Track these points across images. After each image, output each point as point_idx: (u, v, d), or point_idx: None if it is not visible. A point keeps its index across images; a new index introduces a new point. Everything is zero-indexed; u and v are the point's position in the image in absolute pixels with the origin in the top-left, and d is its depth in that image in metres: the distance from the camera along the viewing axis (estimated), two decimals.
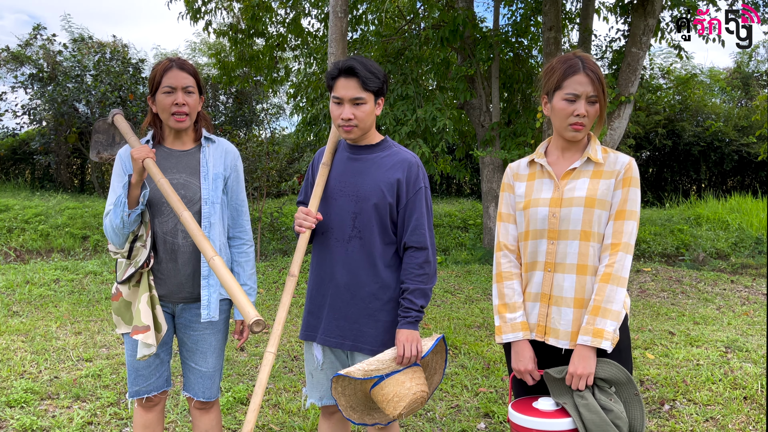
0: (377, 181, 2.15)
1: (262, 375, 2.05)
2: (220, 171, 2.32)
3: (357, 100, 2.08)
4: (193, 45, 17.93)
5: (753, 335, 5.19)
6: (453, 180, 18.10)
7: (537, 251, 2.01)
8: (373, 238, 2.15)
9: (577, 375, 1.84)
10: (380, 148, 2.22)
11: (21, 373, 4.06)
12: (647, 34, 7.71)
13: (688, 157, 16.46)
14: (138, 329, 2.17)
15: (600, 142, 2.04)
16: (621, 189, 1.92)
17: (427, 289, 2.13)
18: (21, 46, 13.88)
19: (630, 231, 1.89)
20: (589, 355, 1.84)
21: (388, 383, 2.06)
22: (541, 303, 2.00)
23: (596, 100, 1.93)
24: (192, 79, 2.23)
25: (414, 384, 2.08)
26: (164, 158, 2.29)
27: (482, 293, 6.71)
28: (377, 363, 2.07)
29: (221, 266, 2.07)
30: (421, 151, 7.71)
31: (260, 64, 10.70)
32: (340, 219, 2.18)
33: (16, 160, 15.33)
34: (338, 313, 2.19)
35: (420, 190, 2.16)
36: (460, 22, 8.11)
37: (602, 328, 1.83)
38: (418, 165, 2.18)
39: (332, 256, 2.20)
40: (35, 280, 6.72)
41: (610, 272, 1.87)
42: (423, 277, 2.12)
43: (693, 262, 9.72)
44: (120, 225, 2.16)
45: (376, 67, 2.11)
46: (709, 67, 19.99)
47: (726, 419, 3.46)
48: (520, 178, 2.10)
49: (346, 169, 2.21)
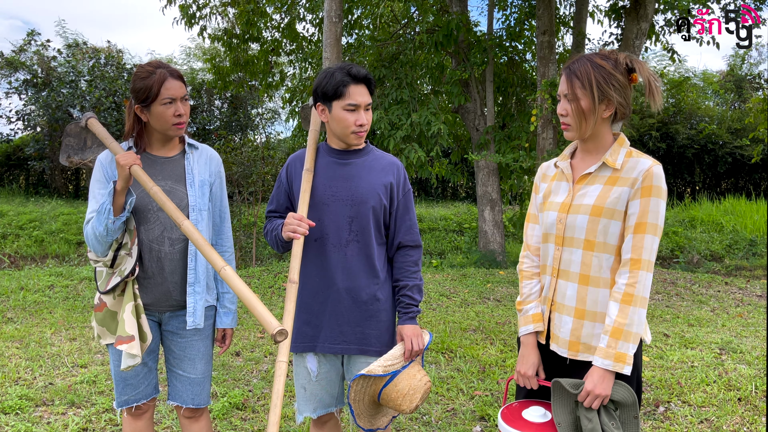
0: (373, 184, 2.19)
1: (277, 385, 2.01)
2: (206, 178, 2.31)
3: (369, 106, 2.17)
4: (188, 50, 17.96)
5: (747, 337, 5.21)
6: (448, 183, 18.14)
7: (547, 255, 1.99)
8: (370, 241, 2.18)
9: (594, 394, 1.77)
10: (365, 152, 2.26)
11: (15, 380, 4.04)
12: (640, 37, 7.76)
13: (682, 159, 16.54)
14: (122, 339, 2.12)
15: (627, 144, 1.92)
16: (639, 199, 1.79)
17: (421, 285, 2.26)
18: (15, 51, 13.87)
19: (650, 246, 1.78)
20: (609, 378, 1.77)
21: (401, 378, 2.11)
22: (546, 307, 1.99)
23: (573, 98, 1.85)
24: (185, 89, 2.23)
25: (422, 375, 2.16)
26: (149, 165, 2.25)
27: (477, 296, 6.72)
28: (392, 359, 2.12)
29: (233, 276, 2.03)
30: (417, 155, 7.73)
31: (255, 68, 10.72)
32: (335, 224, 2.18)
33: (11, 165, 15.29)
34: (341, 318, 2.19)
35: (408, 192, 2.29)
36: (454, 27, 8.14)
37: (625, 353, 1.76)
38: (403, 168, 2.31)
39: (330, 262, 2.19)
40: (30, 287, 6.70)
41: (632, 293, 1.77)
42: (418, 273, 2.25)
43: (687, 264, 9.76)
44: (104, 233, 2.10)
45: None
46: (702, 70, 20.10)
47: (720, 420, 3.47)
48: (546, 179, 2.08)
49: (335, 174, 2.21)
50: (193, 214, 2.25)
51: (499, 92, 10.39)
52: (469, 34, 8.94)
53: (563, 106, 1.89)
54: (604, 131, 1.90)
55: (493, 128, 9.14)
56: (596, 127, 1.88)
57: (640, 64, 1.85)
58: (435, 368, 4.36)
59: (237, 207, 9.15)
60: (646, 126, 15.74)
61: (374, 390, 2.14)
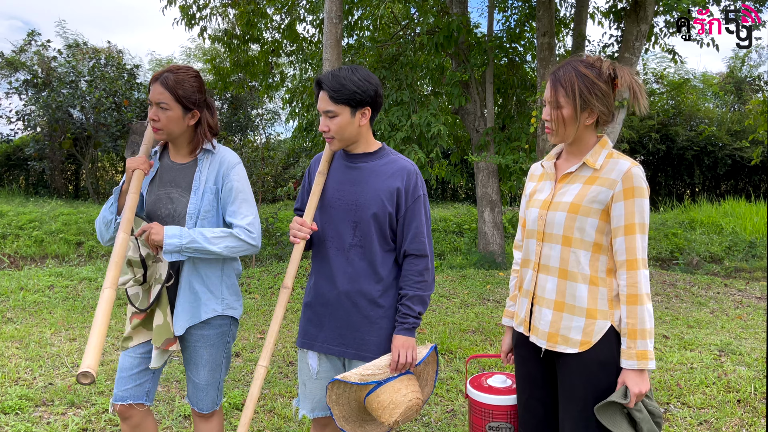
0: (377, 190, 2.15)
1: (253, 389, 2.03)
2: (212, 185, 2.26)
3: (328, 113, 2.09)
4: (188, 51, 17.97)
5: (746, 338, 5.22)
6: (448, 185, 18.13)
7: (529, 250, 2.08)
8: (373, 247, 2.15)
9: (641, 394, 1.86)
10: (378, 156, 2.21)
11: (15, 380, 4.04)
12: (640, 39, 7.76)
13: (681, 161, 16.55)
14: (170, 341, 2.22)
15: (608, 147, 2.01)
16: (624, 201, 1.87)
17: (425, 296, 2.16)
18: (15, 52, 13.87)
19: (642, 245, 1.87)
20: (644, 374, 1.86)
21: (384, 390, 2.06)
22: (527, 300, 2.07)
23: (556, 105, 1.92)
24: (168, 95, 2.15)
25: (409, 391, 2.08)
26: (165, 171, 2.28)
27: (477, 297, 6.73)
28: (373, 368, 2.07)
29: (106, 301, 1.91)
30: (417, 157, 7.73)
31: (255, 69, 10.72)
32: (339, 228, 2.18)
33: (11, 166, 15.29)
34: (340, 321, 2.19)
35: (419, 198, 2.17)
36: (454, 28, 8.15)
37: (645, 350, 1.84)
38: (417, 173, 2.19)
39: (332, 265, 2.19)
40: (29, 287, 6.70)
41: (636, 293, 1.86)
42: (422, 284, 2.15)
43: (687, 266, 9.76)
44: (103, 225, 2.24)
45: (352, 79, 2.08)
46: (702, 71, 20.10)
47: (720, 422, 3.47)
48: (533, 178, 2.18)
49: (343, 178, 2.21)
50: (190, 222, 2.23)
51: (499, 94, 10.40)
52: (469, 36, 8.94)
53: (547, 111, 1.97)
54: (588, 135, 1.99)
55: (493, 130, 9.15)
56: (579, 133, 1.96)
57: (623, 72, 1.93)
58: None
59: None
60: (645, 128, 15.75)
61: (359, 396, 2.12)
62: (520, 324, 2.10)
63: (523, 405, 2.14)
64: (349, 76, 2.08)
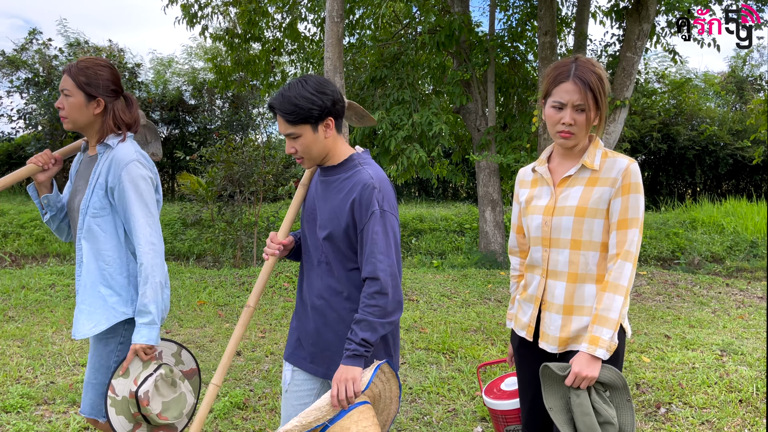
0: (333, 207, 2.00)
1: (202, 409, 1.99)
2: (103, 181, 2.17)
3: (290, 135, 1.97)
4: (190, 49, 17.92)
5: (748, 338, 5.21)
6: (449, 184, 18.13)
7: (534, 257, 2.07)
8: (336, 264, 2.03)
9: (581, 377, 1.84)
10: (343, 168, 2.03)
11: (17, 379, 4.04)
12: (642, 38, 7.75)
13: (683, 160, 16.53)
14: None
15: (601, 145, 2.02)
16: (621, 197, 1.90)
17: (375, 323, 1.89)
18: (16, 50, 13.89)
19: (632, 239, 1.88)
20: (595, 361, 1.85)
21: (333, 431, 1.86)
22: (534, 305, 2.05)
23: (585, 109, 1.89)
24: (71, 82, 2.15)
25: (361, 428, 1.86)
26: (82, 163, 2.32)
27: (478, 297, 6.72)
28: (316, 412, 1.87)
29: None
30: (418, 156, 7.73)
31: (256, 68, 10.71)
32: (309, 243, 2.11)
33: (12, 164, 15.30)
34: (313, 338, 2.10)
35: (373, 215, 1.92)
36: (455, 27, 8.15)
37: (598, 336, 1.85)
38: (375, 187, 1.93)
39: (306, 279, 2.13)
40: (31, 285, 6.70)
41: (615, 283, 1.87)
42: (373, 308, 1.90)
43: (688, 266, 9.76)
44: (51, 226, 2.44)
45: (304, 96, 1.91)
46: (703, 71, 20.06)
47: (721, 422, 3.47)
48: (525, 184, 2.15)
49: (315, 193, 2.11)
50: (81, 218, 2.20)
51: (501, 93, 10.38)
52: (470, 35, 8.93)
53: (572, 116, 1.90)
54: (584, 136, 2.01)
55: (495, 129, 9.14)
56: None
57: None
58: (436, 368, 4.37)
59: (238, 206, 9.16)
60: (647, 127, 15.72)
61: None
62: (522, 328, 2.10)
63: (526, 406, 2.14)
64: (300, 93, 1.92)
